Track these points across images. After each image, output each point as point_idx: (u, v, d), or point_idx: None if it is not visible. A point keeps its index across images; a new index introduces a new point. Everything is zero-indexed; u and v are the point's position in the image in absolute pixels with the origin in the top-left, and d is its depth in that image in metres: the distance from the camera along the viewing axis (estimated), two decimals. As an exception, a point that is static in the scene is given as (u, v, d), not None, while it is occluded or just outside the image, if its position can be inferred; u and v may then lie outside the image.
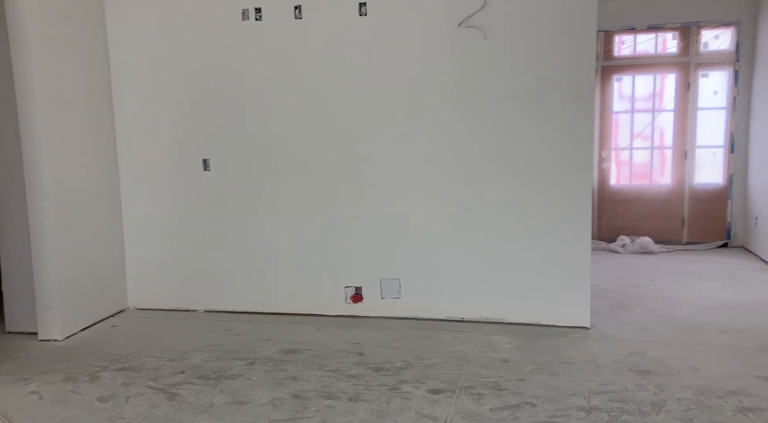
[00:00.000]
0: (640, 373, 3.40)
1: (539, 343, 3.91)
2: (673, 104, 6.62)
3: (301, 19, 4.24)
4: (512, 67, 4.03)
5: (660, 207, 6.77)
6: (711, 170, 6.66)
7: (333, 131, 4.32)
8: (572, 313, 4.18)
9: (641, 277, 5.53)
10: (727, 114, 6.50)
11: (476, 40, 4.04)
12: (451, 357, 3.69)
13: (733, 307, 4.57)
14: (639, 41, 6.67)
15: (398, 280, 4.38)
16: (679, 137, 6.65)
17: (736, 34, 6.36)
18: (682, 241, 6.73)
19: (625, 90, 6.78)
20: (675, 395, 3.13)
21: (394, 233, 4.34)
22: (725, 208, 6.60)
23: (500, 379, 3.37)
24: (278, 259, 4.53)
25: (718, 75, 6.50)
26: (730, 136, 6.50)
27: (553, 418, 2.92)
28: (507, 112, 4.09)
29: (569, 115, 4.00)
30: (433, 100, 4.16)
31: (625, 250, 6.55)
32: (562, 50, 3.95)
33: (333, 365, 3.58)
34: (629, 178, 6.89)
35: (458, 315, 4.33)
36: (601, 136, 6.84)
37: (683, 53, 6.53)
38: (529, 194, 4.13)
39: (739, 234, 6.58)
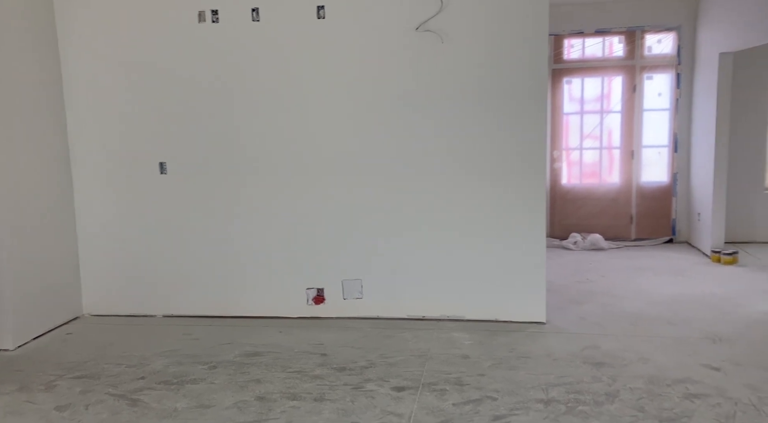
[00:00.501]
0: (595, 365, 3.54)
1: (498, 338, 4.02)
2: (620, 106, 6.88)
3: (258, 22, 4.23)
4: (468, 69, 4.13)
5: (609, 205, 7.02)
6: (656, 169, 6.95)
7: (292, 133, 4.33)
8: (529, 308, 4.31)
9: (593, 273, 5.73)
10: (670, 115, 6.80)
11: (434, 44, 4.12)
12: (413, 355, 3.75)
13: (679, 300, 4.79)
14: (587, 45, 6.90)
15: (360, 280, 4.42)
16: (626, 137, 6.91)
17: (678, 38, 6.66)
18: (631, 237, 7.00)
19: (575, 92, 7.00)
20: (627, 385, 3.27)
21: (355, 234, 4.37)
22: (670, 205, 6.90)
23: (462, 374, 3.45)
24: (238, 261, 4.50)
25: (662, 77, 6.79)
26: (674, 136, 6.80)
27: (513, 410, 3.02)
28: (464, 114, 4.18)
29: (523, 117, 4.13)
30: (393, 102, 4.22)
31: (577, 247, 6.77)
32: (515, 53, 4.07)
33: (297, 367, 3.59)
34: (580, 177, 7.12)
35: (419, 313, 4.41)
36: (552, 136, 7.04)
37: (629, 56, 6.80)
38: (486, 194, 4.23)
39: (683, 230, 6.89)
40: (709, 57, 6.15)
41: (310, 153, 4.34)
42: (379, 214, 4.34)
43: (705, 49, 6.28)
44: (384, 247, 4.36)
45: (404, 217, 4.32)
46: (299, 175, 4.36)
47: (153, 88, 4.41)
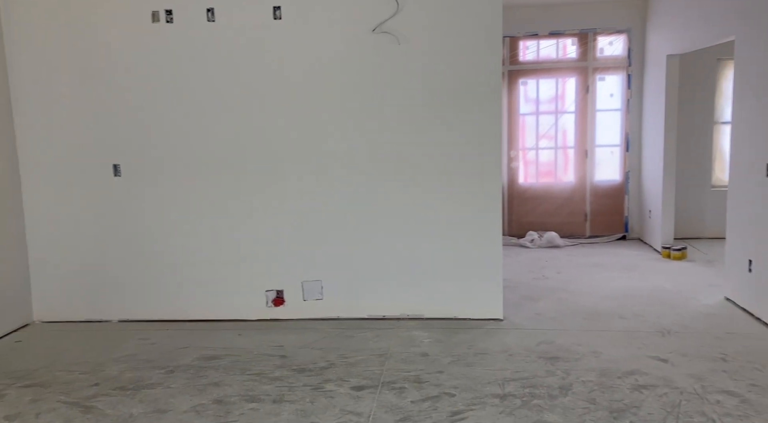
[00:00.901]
0: (549, 360, 3.63)
1: (456, 335, 4.08)
2: (574, 106, 7.06)
3: (214, 22, 4.19)
4: (425, 71, 4.17)
5: (565, 203, 7.19)
6: (609, 168, 7.16)
7: (249, 134, 4.30)
8: (486, 306, 4.39)
9: (549, 270, 5.87)
10: (622, 115, 7.01)
11: (390, 45, 4.15)
12: (373, 354, 3.78)
13: (630, 295, 4.95)
14: (542, 47, 7.06)
15: (320, 281, 4.42)
16: (580, 137, 7.10)
17: (628, 41, 6.87)
18: (585, 234, 7.19)
19: (531, 93, 7.15)
20: (580, 378, 3.37)
21: (315, 235, 4.38)
22: (623, 203, 7.11)
23: (420, 372, 3.49)
24: (196, 264, 4.45)
25: (614, 78, 7.00)
26: (626, 136, 7.01)
27: (471, 406, 3.07)
28: (421, 114, 4.23)
29: (479, 117, 4.20)
30: (350, 102, 4.24)
31: (534, 244, 6.91)
32: (471, 55, 4.14)
33: (256, 369, 3.57)
34: (536, 176, 7.27)
35: (380, 313, 4.43)
36: (509, 136, 7.18)
37: (582, 58, 6.98)
38: (443, 193, 4.29)
39: (635, 227, 7.11)
40: (657, 59, 6.36)
41: (267, 154, 4.32)
42: (338, 215, 4.35)
43: (653, 52, 6.49)
44: (344, 247, 4.38)
45: (364, 217, 4.34)
46: (256, 176, 4.34)
47: (105, 89, 4.32)
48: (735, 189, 4.56)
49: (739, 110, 4.47)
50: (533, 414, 2.98)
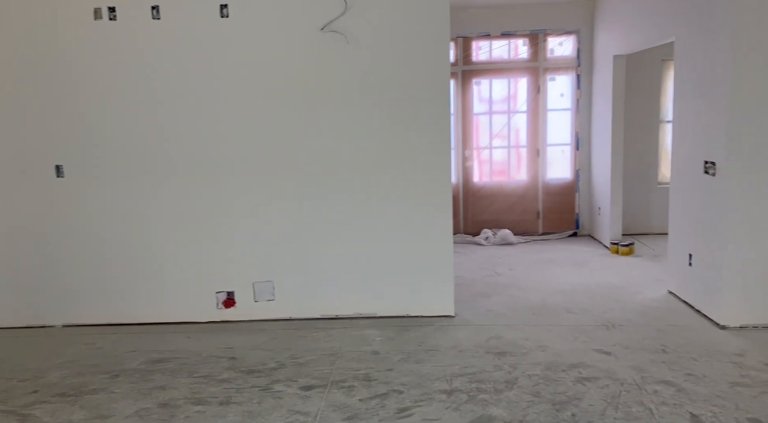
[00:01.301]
0: (497, 355, 3.70)
1: (408, 333, 4.11)
2: (526, 106, 7.18)
3: (159, 20, 4.12)
4: (374, 70, 4.19)
5: (518, 201, 7.32)
6: (561, 166, 7.31)
7: (196, 134, 4.24)
8: (438, 303, 4.43)
9: (502, 267, 5.96)
10: (572, 114, 7.17)
11: (339, 44, 4.15)
12: (324, 353, 3.78)
13: (578, 290, 5.07)
14: (494, 47, 7.16)
15: (272, 282, 4.39)
16: (532, 136, 7.23)
17: (577, 42, 7.03)
18: (538, 232, 7.32)
19: (484, 93, 7.25)
20: (526, 372, 3.44)
21: (266, 235, 4.34)
22: (574, 200, 7.28)
23: (370, 370, 3.51)
24: (144, 267, 4.36)
25: (564, 79, 7.15)
26: (576, 135, 7.17)
27: (418, 402, 3.10)
28: (371, 114, 4.24)
29: (429, 117, 4.23)
30: (299, 102, 4.22)
31: (488, 242, 7.01)
32: (420, 55, 4.17)
33: (204, 371, 3.53)
34: (490, 175, 7.38)
35: (333, 313, 4.43)
36: (463, 136, 7.26)
37: (533, 58, 7.11)
38: (395, 193, 4.31)
39: (586, 224, 7.28)
40: (604, 59, 6.53)
41: (215, 154, 4.26)
42: (290, 214, 4.33)
43: (601, 52, 6.66)
44: (295, 248, 4.36)
45: (316, 217, 4.33)
46: (206, 176, 4.28)
47: (47, 87, 4.19)
48: (676, 186, 4.72)
49: (679, 109, 4.63)
50: (478, 408, 3.02)
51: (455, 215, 7.36)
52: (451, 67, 7.15)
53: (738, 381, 3.24)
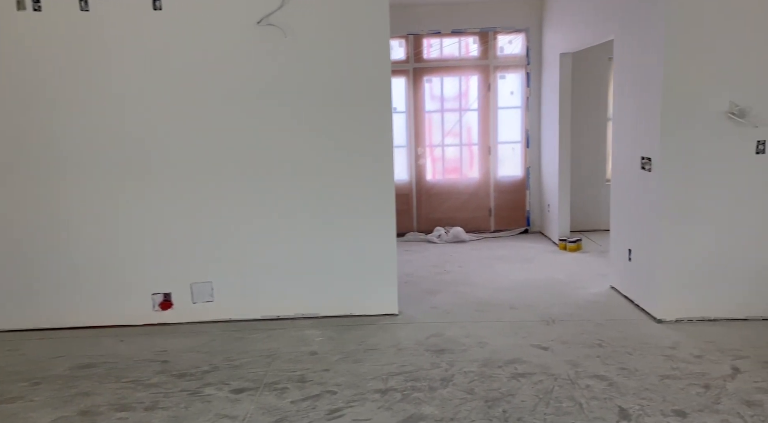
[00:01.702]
0: (436, 352, 3.67)
1: (350, 332, 4.06)
2: (477, 104, 7.21)
3: (88, 11, 3.97)
4: (313, 65, 4.12)
5: (470, 199, 7.34)
6: (511, 164, 7.36)
7: (127, 130, 4.10)
8: (382, 301, 4.39)
9: (452, 264, 5.96)
10: (522, 112, 7.22)
11: (277, 39, 4.07)
12: (261, 355, 3.69)
13: (525, 286, 5.09)
14: (445, 45, 7.16)
15: (210, 283, 4.28)
16: (483, 134, 7.25)
17: (526, 40, 7.09)
18: (490, 229, 7.36)
19: (435, 90, 7.25)
20: (463, 369, 3.42)
21: (205, 235, 4.23)
22: (524, 198, 7.33)
23: (306, 371, 3.44)
24: (75, 268, 4.20)
25: (514, 77, 7.20)
26: (526, 133, 7.23)
27: (350, 403, 3.05)
28: (311, 110, 4.17)
29: (371, 114, 4.18)
30: (236, 98, 4.13)
31: (441, 240, 7.01)
32: (360, 51, 4.12)
33: (132, 376, 3.41)
34: (443, 173, 7.38)
35: (274, 313, 4.35)
36: (416, 134, 7.24)
37: (483, 56, 7.14)
38: (336, 191, 4.25)
39: (536, 221, 7.35)
40: (552, 57, 6.59)
41: (148, 153, 4.14)
42: (229, 214, 4.23)
43: (549, 50, 6.72)
44: (235, 248, 4.26)
45: (254, 216, 4.24)
46: (140, 175, 4.15)
47: (-32, 81, 4.01)
48: (616, 182, 4.78)
49: (618, 107, 4.68)
50: (411, 407, 2.99)
51: (408, 213, 7.34)
52: (403, 65, 7.14)
53: (668, 374, 3.28)
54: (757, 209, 3.95)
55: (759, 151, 3.89)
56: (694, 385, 3.13)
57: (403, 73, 7.16)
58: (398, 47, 7.16)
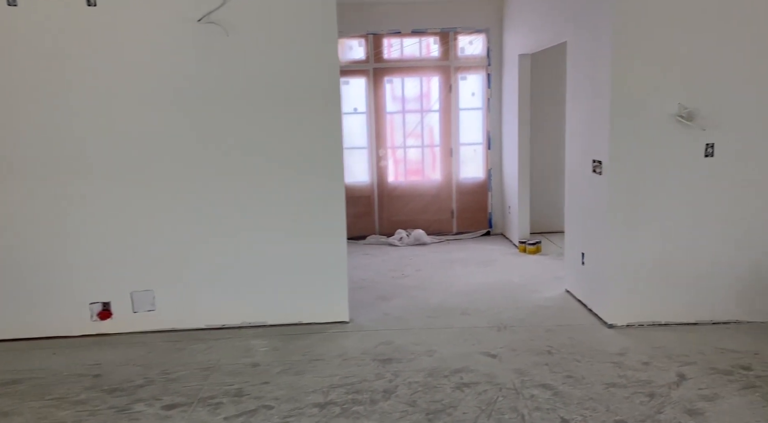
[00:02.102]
0: (383, 362, 3.57)
1: (296, 342, 3.93)
2: (439, 105, 7.13)
3: (15, 6, 3.77)
4: (259, 65, 3.99)
5: (432, 201, 7.26)
6: (473, 165, 7.29)
7: (62, 131, 3.92)
8: (332, 308, 4.27)
9: (411, 268, 5.87)
10: (483, 114, 7.16)
11: (219, 37, 3.92)
12: (199, 367, 3.55)
13: (480, 290, 5.02)
14: (405, 45, 7.07)
15: (152, 291, 4.12)
16: (445, 136, 7.18)
17: (487, 40, 7.03)
18: (453, 231, 7.29)
19: (397, 91, 7.15)
20: (407, 380, 3.32)
21: (145, 241, 4.07)
22: (486, 199, 7.28)
23: (244, 385, 3.31)
24: (7, 275, 4.00)
25: (475, 78, 7.14)
26: (487, 134, 7.17)
27: (287, 418, 2.93)
28: (256, 112, 4.04)
29: (319, 115, 4.06)
30: (177, 99, 3.97)
31: (402, 243, 6.91)
32: (307, 50, 3.99)
33: (59, 392, 3.24)
34: (405, 174, 7.29)
35: (219, 322, 4.20)
36: (377, 135, 7.13)
37: (444, 57, 7.06)
38: (284, 195, 4.12)
39: (498, 222, 7.30)
40: (512, 58, 6.54)
41: (86, 154, 3.95)
42: (171, 219, 4.07)
43: (509, 51, 6.67)
44: (178, 254, 4.10)
45: (200, 220, 4.09)
46: (76, 177, 3.97)
47: None
48: (570, 185, 4.74)
49: (572, 110, 4.64)
50: (349, 422, 2.88)
51: (370, 216, 7.24)
52: (363, 65, 7.03)
53: (614, 382, 3.22)
54: (707, 213, 3.93)
55: (708, 154, 3.87)
56: (639, 394, 3.08)
57: (363, 73, 7.04)
58: (358, 47, 7.05)
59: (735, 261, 3.96)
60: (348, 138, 7.15)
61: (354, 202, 7.22)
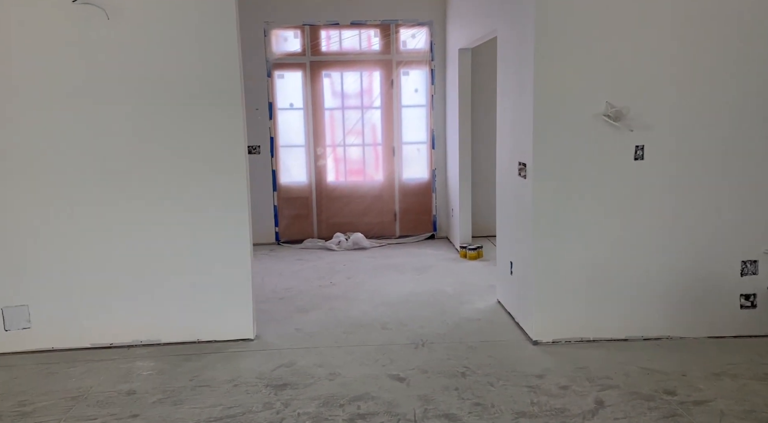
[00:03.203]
0: (276, 389, 3.19)
1: (188, 364, 3.53)
2: (380, 101, 6.75)
3: None
4: (147, 54, 3.57)
5: (374, 202, 6.89)
6: (417, 165, 6.94)
7: None
8: (235, 324, 3.88)
9: (341, 275, 5.49)
10: (427, 111, 6.81)
11: (100, 21, 3.49)
12: (65, 396, 3.13)
13: (408, 300, 4.67)
14: (345, 37, 6.68)
15: (26, 306, 3.68)
16: (387, 134, 6.81)
17: (430, 34, 6.67)
18: (396, 234, 6.93)
19: (336, 86, 6.76)
20: (298, 410, 2.95)
21: (20, 248, 3.63)
22: (431, 201, 6.93)
23: (109, 418, 2.90)
24: None
25: (418, 73, 6.78)
26: (431, 133, 6.82)
27: (141, 462, 2.54)
28: (142, 110, 3.62)
29: (217, 115, 3.66)
30: (55, 91, 3.53)
31: (341, 247, 6.54)
32: (203, 38, 3.59)
33: None
34: (345, 174, 6.91)
35: (107, 341, 3.78)
36: (315, 132, 6.74)
37: (385, 51, 6.68)
38: (180, 200, 3.71)
39: (443, 225, 6.96)
40: (454, 53, 6.19)
41: (-53, 154, 3.50)
42: (50, 223, 3.63)
43: (451, 45, 6.33)
44: (58, 264, 3.67)
45: (84, 227, 3.66)
46: (-64, 182, 3.51)
47: None
48: (500, 189, 4.41)
49: (501, 108, 4.30)
50: (212, 466, 2.49)
51: (308, 218, 6.85)
52: (299, 58, 6.63)
53: (525, 410, 2.89)
54: (637, 220, 3.62)
55: (637, 157, 3.56)
56: (549, 426, 2.75)
57: (300, 66, 6.64)
58: (293, 38, 6.64)
59: (667, 271, 3.66)
60: (284, 135, 6.76)
61: (291, 203, 6.83)
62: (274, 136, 6.68)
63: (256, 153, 6.63)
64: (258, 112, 6.57)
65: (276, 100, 6.66)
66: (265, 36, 6.50)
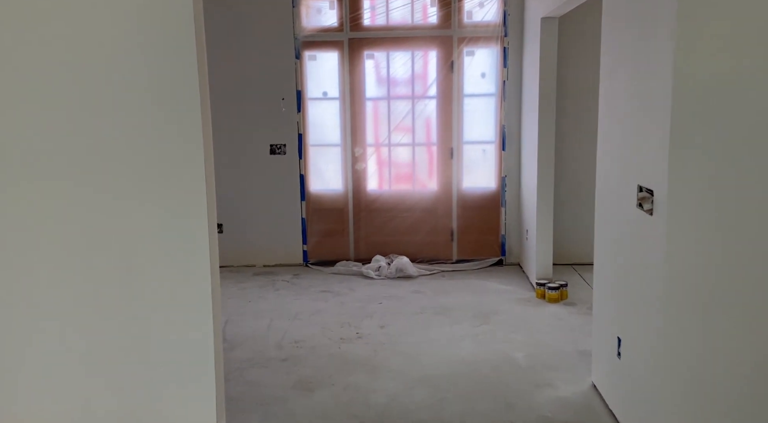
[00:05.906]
0: None
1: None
2: (436, 89, 5.31)
3: None
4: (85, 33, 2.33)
5: (425, 217, 5.46)
6: (482, 171, 5.43)
7: None
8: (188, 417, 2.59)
9: (373, 321, 4.13)
10: (497, 102, 5.30)
11: None
12: None
13: (459, 374, 3.25)
14: (393, 7, 5.26)
15: None
16: (444, 131, 5.35)
17: (503, 3, 5.15)
18: (452, 258, 5.47)
19: (381, 70, 5.37)
20: None
21: None
22: (498, 217, 5.42)
23: None
24: None
25: (486, 53, 5.27)
26: (501, 130, 5.31)
27: None
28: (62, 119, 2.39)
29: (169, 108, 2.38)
30: None
31: (380, 274, 5.17)
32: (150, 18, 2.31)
33: None
34: (390, 181, 5.52)
35: (8, 434, 2.59)
36: (353, 128, 5.39)
37: (444, 25, 5.22)
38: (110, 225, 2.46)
39: (514, 248, 5.43)
40: (534, 24, 4.66)
41: None
42: None
43: (531, 15, 4.79)
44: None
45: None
46: None
47: None
48: (600, 219, 2.89)
49: (606, 102, 2.78)
50: None
51: (343, 235, 5.53)
52: (335, 35, 5.27)
53: None
54: None
55: None
56: None
57: (336, 45, 5.29)
58: (329, 10, 5.30)
59: None
60: (315, 132, 5.46)
61: (322, 216, 5.52)
62: (302, 132, 5.38)
63: (280, 153, 5.37)
64: (284, 103, 5.30)
65: (306, 88, 5.35)
66: (294, 7, 5.19)
